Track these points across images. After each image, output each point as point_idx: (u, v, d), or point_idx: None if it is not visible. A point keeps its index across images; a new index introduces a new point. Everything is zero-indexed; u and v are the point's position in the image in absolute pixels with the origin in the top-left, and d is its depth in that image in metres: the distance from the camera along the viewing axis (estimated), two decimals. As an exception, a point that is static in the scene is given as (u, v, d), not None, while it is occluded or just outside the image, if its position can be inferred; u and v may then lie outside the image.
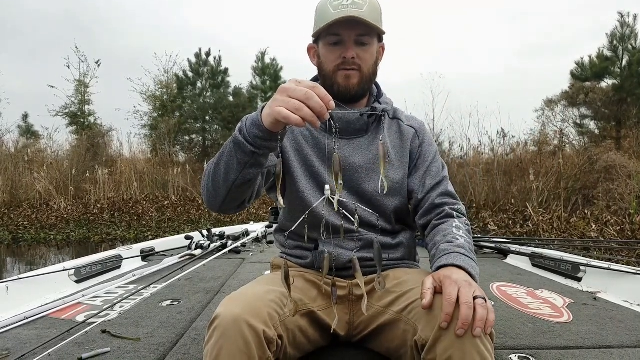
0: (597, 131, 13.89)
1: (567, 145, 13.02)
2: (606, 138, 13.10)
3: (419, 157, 1.48)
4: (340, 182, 1.02)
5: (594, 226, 6.83)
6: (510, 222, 7.90)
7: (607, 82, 13.85)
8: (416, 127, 1.51)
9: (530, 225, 7.56)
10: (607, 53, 13.60)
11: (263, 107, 1.08)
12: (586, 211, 7.86)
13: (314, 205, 1.26)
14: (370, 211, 1.34)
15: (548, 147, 11.76)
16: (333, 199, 1.01)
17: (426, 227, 1.41)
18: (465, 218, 1.40)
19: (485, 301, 1.05)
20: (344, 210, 1.19)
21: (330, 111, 1.37)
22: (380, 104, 1.46)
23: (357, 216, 1.17)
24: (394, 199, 1.42)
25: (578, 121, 14.22)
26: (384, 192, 1.09)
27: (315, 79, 1.50)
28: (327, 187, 1.07)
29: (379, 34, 1.38)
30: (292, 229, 1.20)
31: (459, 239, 1.29)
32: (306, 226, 1.15)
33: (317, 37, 1.39)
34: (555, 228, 7.31)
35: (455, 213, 1.39)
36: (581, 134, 14.06)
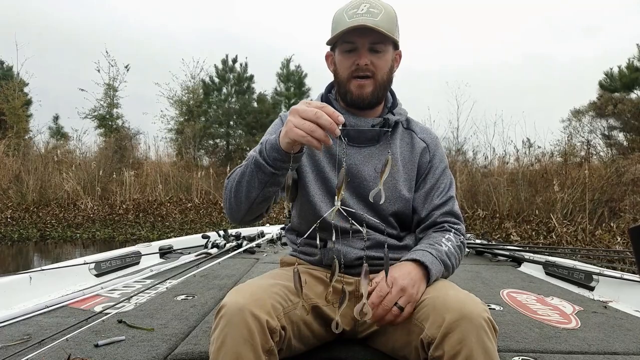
0: (625, 143, 13.59)
1: (594, 157, 12.77)
2: (635, 150, 12.78)
3: (428, 172, 1.49)
4: (340, 199, 1.07)
5: (619, 239, 6.69)
6: (534, 233, 7.79)
7: (636, 94, 13.56)
8: (428, 142, 1.51)
9: (554, 236, 7.44)
10: (637, 64, 13.33)
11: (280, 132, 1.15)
12: (612, 224, 7.68)
13: (324, 216, 1.30)
14: (378, 222, 1.40)
15: (575, 159, 11.54)
16: (341, 208, 1.06)
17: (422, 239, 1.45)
18: (462, 237, 1.42)
19: (402, 310, 1.18)
20: (353, 222, 1.24)
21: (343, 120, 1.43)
22: (394, 114, 1.48)
23: (364, 225, 1.23)
24: (395, 208, 1.45)
25: (606, 132, 13.94)
26: (380, 202, 1.13)
27: (331, 86, 1.55)
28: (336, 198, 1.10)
29: (394, 42, 1.40)
30: (304, 236, 1.28)
31: (442, 246, 1.33)
32: (316, 227, 1.20)
33: (334, 45, 1.43)
34: (579, 240, 7.18)
35: (453, 229, 1.42)
36: (609, 146, 13.78)
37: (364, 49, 1.35)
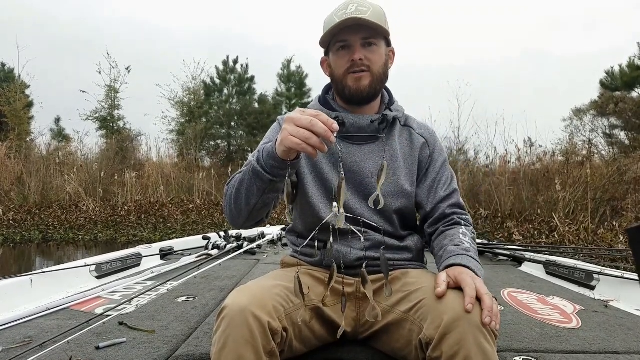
0: (627, 141, 13.56)
1: (596, 156, 12.74)
2: (637, 149, 12.75)
3: (429, 166, 1.50)
4: (342, 210, 1.07)
5: (621, 238, 6.67)
6: (536, 232, 7.77)
7: (638, 92, 13.54)
8: (426, 137, 1.53)
9: (556, 236, 7.42)
10: (639, 62, 13.31)
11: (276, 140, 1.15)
12: (614, 223, 7.66)
13: (327, 219, 1.30)
14: (376, 224, 1.40)
15: (576, 157, 11.52)
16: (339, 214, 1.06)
17: (433, 234, 1.45)
18: (472, 227, 1.44)
19: (496, 299, 1.12)
20: (352, 227, 1.25)
21: (341, 117, 1.43)
22: (392, 111, 1.49)
23: (362, 224, 1.27)
24: (399, 204, 1.45)
25: (607, 131, 13.92)
26: (379, 207, 1.13)
27: (328, 87, 1.55)
28: (334, 204, 1.09)
29: (386, 38, 1.43)
30: (307, 241, 1.31)
31: (465, 244, 1.33)
32: (316, 229, 1.22)
33: (327, 48, 1.45)
34: (581, 239, 7.17)
35: (462, 222, 1.43)
36: (610, 144, 13.76)
37: (357, 45, 1.38)
